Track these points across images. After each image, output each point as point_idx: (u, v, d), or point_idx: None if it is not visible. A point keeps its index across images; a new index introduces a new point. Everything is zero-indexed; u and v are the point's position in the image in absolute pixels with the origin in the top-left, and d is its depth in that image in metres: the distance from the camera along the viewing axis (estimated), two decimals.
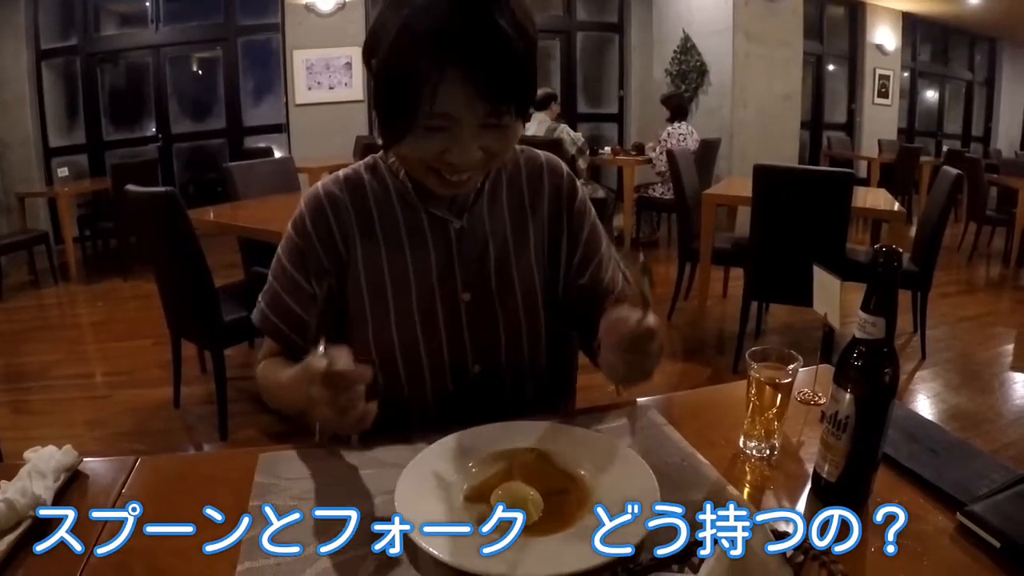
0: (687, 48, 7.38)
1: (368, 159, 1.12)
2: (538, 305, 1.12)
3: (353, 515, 0.78)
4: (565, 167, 1.19)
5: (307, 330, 1.06)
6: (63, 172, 6.19)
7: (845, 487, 0.79)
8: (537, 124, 5.93)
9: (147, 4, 7.34)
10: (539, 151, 1.18)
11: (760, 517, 0.62)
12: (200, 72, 8.02)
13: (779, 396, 0.89)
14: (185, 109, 7.83)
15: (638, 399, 1.08)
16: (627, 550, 0.68)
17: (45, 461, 0.84)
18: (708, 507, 0.79)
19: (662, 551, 0.63)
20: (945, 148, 9.89)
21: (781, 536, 0.62)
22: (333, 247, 1.06)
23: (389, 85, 0.88)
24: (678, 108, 6.27)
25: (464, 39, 0.83)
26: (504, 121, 0.91)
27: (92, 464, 0.91)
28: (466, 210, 1.08)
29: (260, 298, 1.12)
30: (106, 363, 4.01)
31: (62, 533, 0.75)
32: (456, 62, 0.83)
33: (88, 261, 6.48)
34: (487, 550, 0.70)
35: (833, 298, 1.09)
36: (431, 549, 0.69)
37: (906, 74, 10.62)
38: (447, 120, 0.88)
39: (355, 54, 7.33)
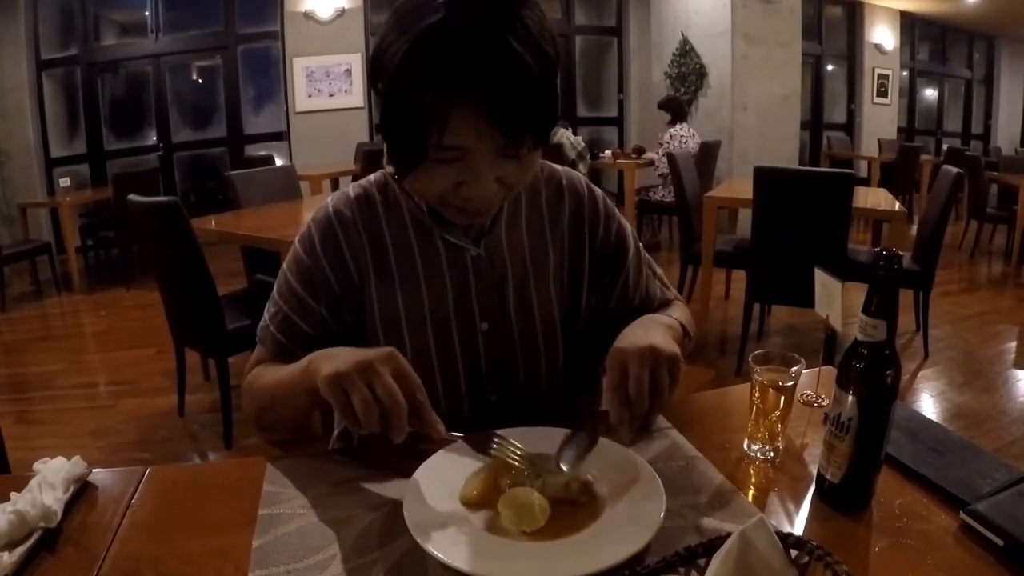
0: (686, 51, 7.40)
1: (378, 175, 1.08)
2: (557, 333, 1.09)
3: (362, 522, 0.79)
4: (585, 183, 1.14)
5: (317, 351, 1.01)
6: (65, 182, 6.22)
7: (849, 488, 0.80)
8: None
9: (147, 13, 7.38)
10: (559, 168, 1.13)
11: (765, 519, 0.63)
12: (200, 81, 8.06)
13: (782, 399, 0.90)
14: (186, 118, 7.86)
15: None
16: (633, 553, 0.68)
17: (55, 472, 0.85)
18: (713, 510, 0.80)
19: (668, 554, 0.63)
20: (945, 146, 9.90)
21: (786, 537, 0.63)
22: (344, 271, 1.02)
23: (396, 116, 0.83)
24: (678, 111, 6.29)
25: (474, 67, 0.77)
26: (522, 152, 0.86)
27: (101, 475, 0.92)
28: (483, 236, 1.04)
29: (268, 319, 1.06)
30: (110, 372, 4.02)
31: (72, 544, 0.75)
32: (466, 92, 0.77)
33: (90, 271, 6.50)
34: (495, 555, 0.71)
35: (834, 300, 1.09)
36: (439, 554, 0.69)
37: (905, 73, 10.64)
38: (460, 152, 0.83)
39: (355, 61, 7.37)
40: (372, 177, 1.08)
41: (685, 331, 1.07)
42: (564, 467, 0.81)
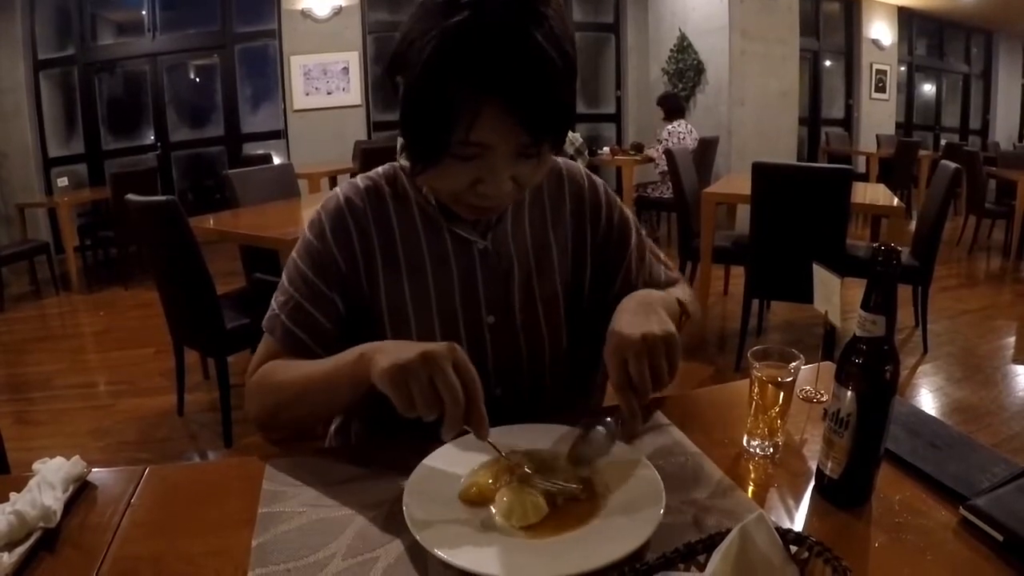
0: (684, 47, 7.40)
1: (387, 168, 1.08)
2: (561, 325, 1.10)
3: (362, 520, 0.79)
4: (585, 173, 1.15)
5: (329, 340, 1.01)
6: (63, 182, 6.21)
7: (848, 484, 0.80)
8: None
9: (144, 13, 7.36)
10: (559, 159, 1.13)
11: (764, 515, 0.63)
12: (198, 80, 8.05)
13: (781, 395, 0.90)
14: (183, 117, 7.85)
15: None
16: (633, 550, 0.68)
17: (54, 472, 0.85)
18: (713, 505, 0.80)
19: (668, 550, 0.63)
20: (943, 142, 9.91)
21: (785, 533, 0.63)
22: (352, 258, 1.02)
23: (421, 113, 0.83)
24: (675, 108, 6.28)
25: (504, 64, 0.77)
26: (542, 150, 0.87)
27: (100, 474, 0.91)
28: (490, 229, 1.05)
29: (276, 308, 1.03)
30: (109, 372, 4.02)
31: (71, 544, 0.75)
32: (496, 90, 0.78)
33: (89, 270, 6.50)
34: (495, 552, 0.71)
35: (833, 296, 1.10)
36: (439, 552, 0.69)
37: (903, 68, 10.63)
38: (481, 149, 0.83)
39: (352, 59, 7.36)
40: (380, 169, 1.09)
41: (683, 308, 1.07)
42: (579, 465, 0.84)
